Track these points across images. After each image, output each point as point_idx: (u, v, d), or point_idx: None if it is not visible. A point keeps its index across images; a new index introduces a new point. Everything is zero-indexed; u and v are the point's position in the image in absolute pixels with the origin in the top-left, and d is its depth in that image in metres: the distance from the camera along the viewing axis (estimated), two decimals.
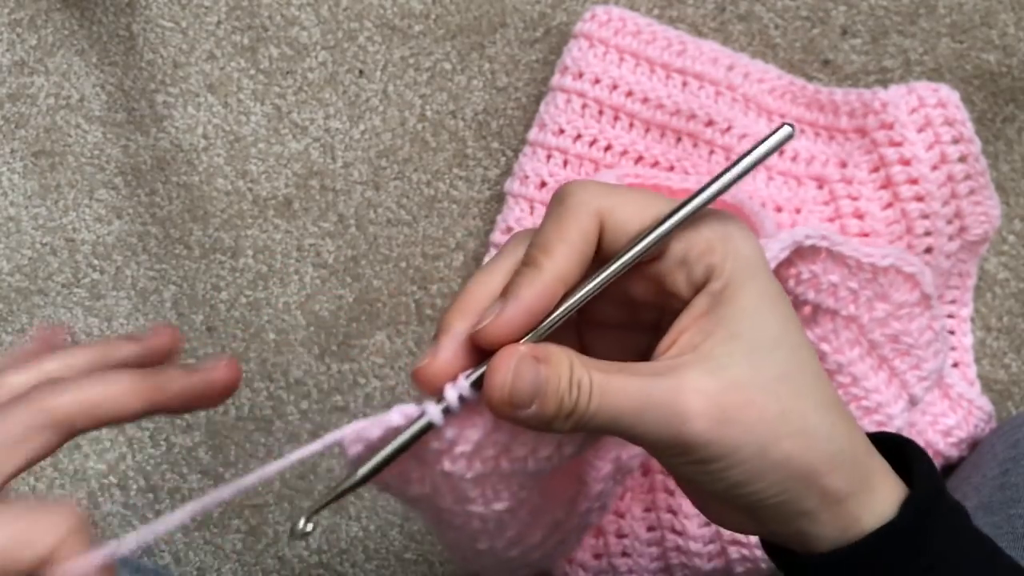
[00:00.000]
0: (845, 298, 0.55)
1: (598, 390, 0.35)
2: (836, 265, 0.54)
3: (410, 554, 0.69)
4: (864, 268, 0.54)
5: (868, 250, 0.54)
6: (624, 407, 0.35)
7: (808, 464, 0.36)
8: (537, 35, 0.67)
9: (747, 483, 0.36)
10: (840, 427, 0.37)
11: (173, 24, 0.68)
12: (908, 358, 0.58)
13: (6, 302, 0.70)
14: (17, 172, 0.70)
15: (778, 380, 0.36)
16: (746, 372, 0.36)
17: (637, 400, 0.35)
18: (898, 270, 0.55)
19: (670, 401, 0.35)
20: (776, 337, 0.36)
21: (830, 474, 0.36)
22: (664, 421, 0.35)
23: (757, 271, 0.37)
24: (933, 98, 0.61)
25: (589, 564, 0.61)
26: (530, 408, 0.35)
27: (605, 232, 0.37)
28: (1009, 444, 0.60)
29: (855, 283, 0.54)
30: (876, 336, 0.56)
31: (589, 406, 0.35)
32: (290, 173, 0.68)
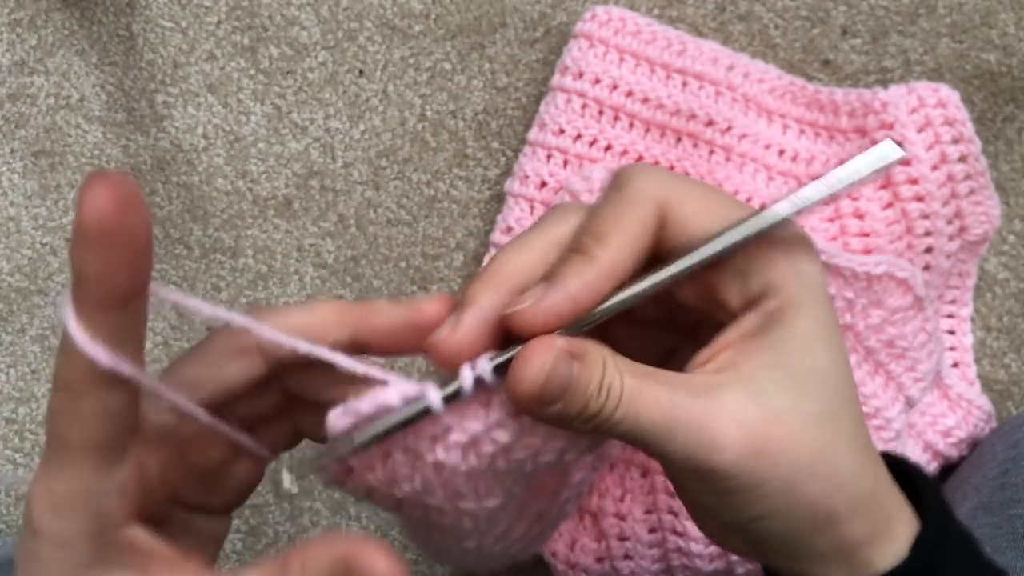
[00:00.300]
0: (841, 308, 0.55)
1: (628, 397, 0.32)
2: (831, 277, 0.54)
3: (410, 554, 0.69)
4: (859, 277, 0.54)
5: (862, 259, 0.54)
6: (652, 421, 0.32)
7: (832, 509, 0.34)
8: (537, 35, 0.67)
9: (765, 518, 0.34)
10: (868, 469, 0.35)
11: (173, 24, 0.68)
12: (903, 361, 0.58)
13: (6, 302, 0.70)
14: (17, 172, 0.69)
15: (819, 416, 0.34)
16: (788, 403, 0.33)
17: (668, 416, 0.32)
18: (891, 276, 0.55)
19: (704, 425, 0.32)
20: (825, 371, 0.34)
21: (851, 521, 0.34)
22: (693, 445, 0.32)
23: (817, 297, 0.34)
24: (933, 98, 0.61)
25: (592, 568, 0.61)
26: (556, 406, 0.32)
27: (665, 226, 0.34)
28: (1009, 444, 0.60)
29: (851, 292, 0.55)
30: (871, 342, 0.56)
31: (615, 413, 0.32)
32: (290, 173, 0.68)
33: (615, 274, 0.33)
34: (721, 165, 0.63)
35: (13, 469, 0.71)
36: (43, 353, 0.70)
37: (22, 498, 0.71)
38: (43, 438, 0.71)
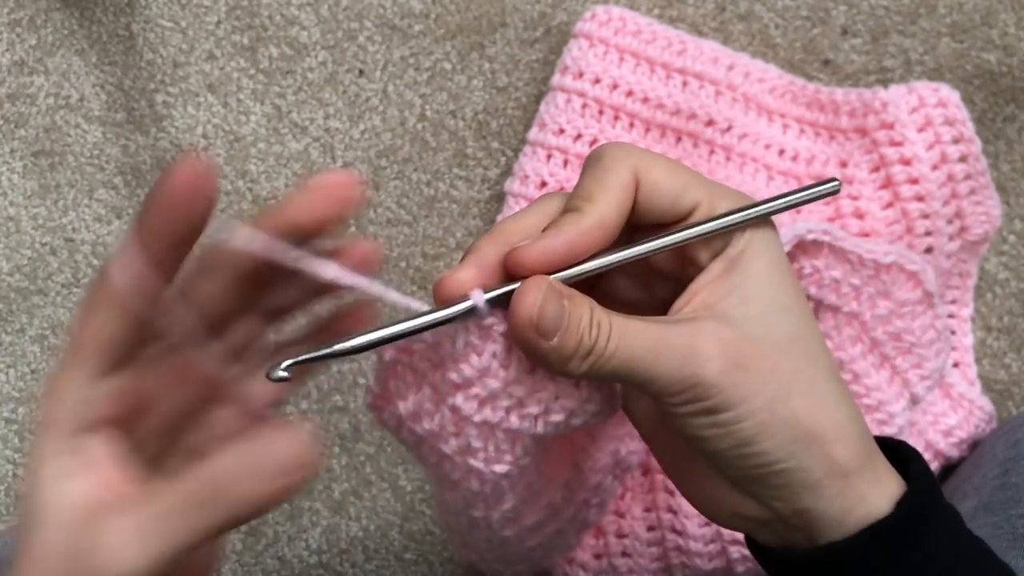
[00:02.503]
0: (847, 295, 0.55)
1: (617, 331, 0.36)
2: (838, 261, 0.54)
3: (410, 554, 0.69)
4: (866, 264, 0.54)
5: (870, 246, 0.54)
6: (641, 348, 0.36)
7: (816, 425, 0.37)
8: (537, 35, 0.67)
9: (755, 440, 0.36)
10: (847, 399, 0.38)
11: (173, 24, 0.68)
12: (910, 356, 0.58)
13: (6, 302, 0.70)
14: (17, 172, 0.69)
15: (790, 341, 0.37)
16: (760, 330, 0.37)
17: (654, 342, 0.36)
18: (900, 268, 0.55)
19: (687, 343, 0.36)
20: (787, 304, 0.38)
21: (837, 442, 0.37)
22: (680, 362, 0.36)
23: (771, 244, 0.38)
24: (933, 98, 0.61)
25: (589, 564, 0.61)
26: (552, 340, 0.35)
27: (639, 189, 0.38)
28: (1009, 444, 0.60)
29: (857, 279, 0.54)
30: (878, 334, 0.56)
31: (608, 345, 0.36)
32: (290, 173, 0.68)
33: (604, 224, 0.37)
34: (721, 165, 0.63)
35: (13, 469, 0.71)
36: (43, 353, 0.70)
37: (22, 498, 0.71)
38: None
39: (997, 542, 0.54)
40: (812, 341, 0.38)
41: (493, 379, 0.37)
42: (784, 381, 0.37)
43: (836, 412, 0.37)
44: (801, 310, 0.38)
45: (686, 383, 0.36)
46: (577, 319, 0.36)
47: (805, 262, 0.53)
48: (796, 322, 0.38)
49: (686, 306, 0.37)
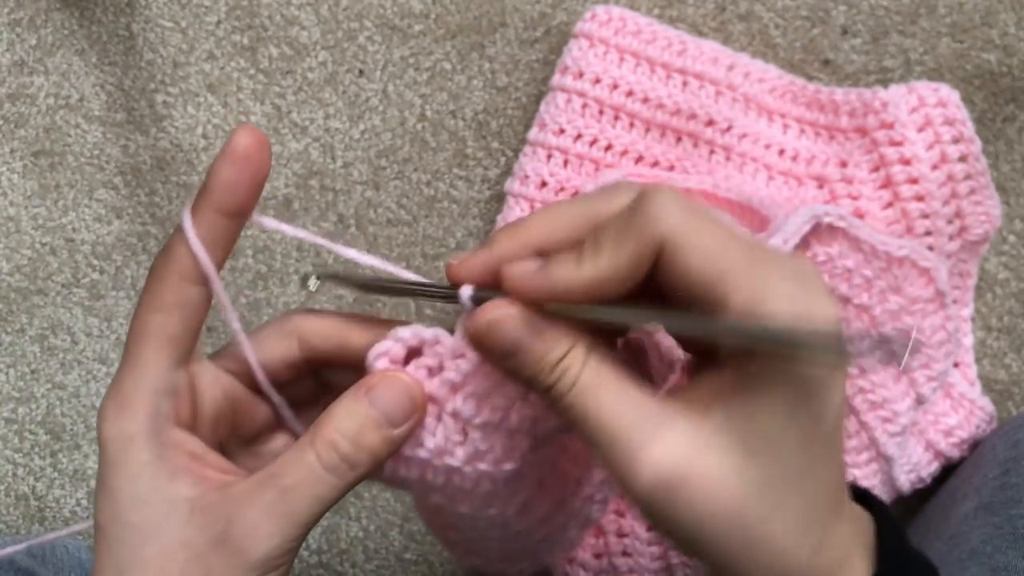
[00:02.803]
0: (859, 286, 0.54)
1: (580, 389, 0.35)
2: (852, 250, 0.53)
3: (410, 554, 0.69)
4: (879, 256, 0.54)
5: (884, 238, 0.54)
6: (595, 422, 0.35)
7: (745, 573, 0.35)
8: (537, 35, 0.67)
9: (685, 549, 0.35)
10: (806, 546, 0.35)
11: (173, 24, 0.68)
12: (918, 356, 0.58)
13: (6, 302, 0.70)
14: (17, 172, 0.69)
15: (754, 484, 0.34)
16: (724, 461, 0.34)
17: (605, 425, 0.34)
18: (913, 263, 0.55)
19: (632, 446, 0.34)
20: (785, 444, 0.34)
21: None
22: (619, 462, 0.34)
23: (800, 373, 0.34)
24: (933, 98, 0.61)
25: (590, 564, 0.61)
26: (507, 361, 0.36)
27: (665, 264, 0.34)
28: (1010, 444, 0.60)
29: (869, 271, 0.54)
30: (887, 330, 0.56)
31: (564, 398, 0.35)
32: (290, 173, 0.68)
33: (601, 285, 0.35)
34: (721, 165, 0.63)
35: (13, 469, 0.71)
36: (42, 353, 0.70)
37: (22, 498, 0.71)
38: (43, 438, 0.71)
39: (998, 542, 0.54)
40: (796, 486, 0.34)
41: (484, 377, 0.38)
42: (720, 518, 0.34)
43: (780, 565, 0.34)
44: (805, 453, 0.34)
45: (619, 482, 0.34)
46: (538, 355, 0.35)
47: (819, 248, 0.53)
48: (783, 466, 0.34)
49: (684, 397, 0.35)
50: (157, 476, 0.37)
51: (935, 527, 0.61)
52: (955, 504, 0.60)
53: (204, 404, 0.40)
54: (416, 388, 0.38)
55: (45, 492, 0.71)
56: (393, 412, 0.37)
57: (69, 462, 0.71)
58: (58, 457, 0.71)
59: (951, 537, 0.57)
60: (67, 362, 0.70)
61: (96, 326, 0.70)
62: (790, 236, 0.50)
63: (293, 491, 0.36)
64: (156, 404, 0.37)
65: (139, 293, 0.69)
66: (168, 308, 0.37)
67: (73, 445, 0.71)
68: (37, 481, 0.71)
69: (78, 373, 0.70)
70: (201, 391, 0.40)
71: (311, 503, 0.36)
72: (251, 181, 0.37)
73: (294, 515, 0.36)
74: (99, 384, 0.70)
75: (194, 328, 0.38)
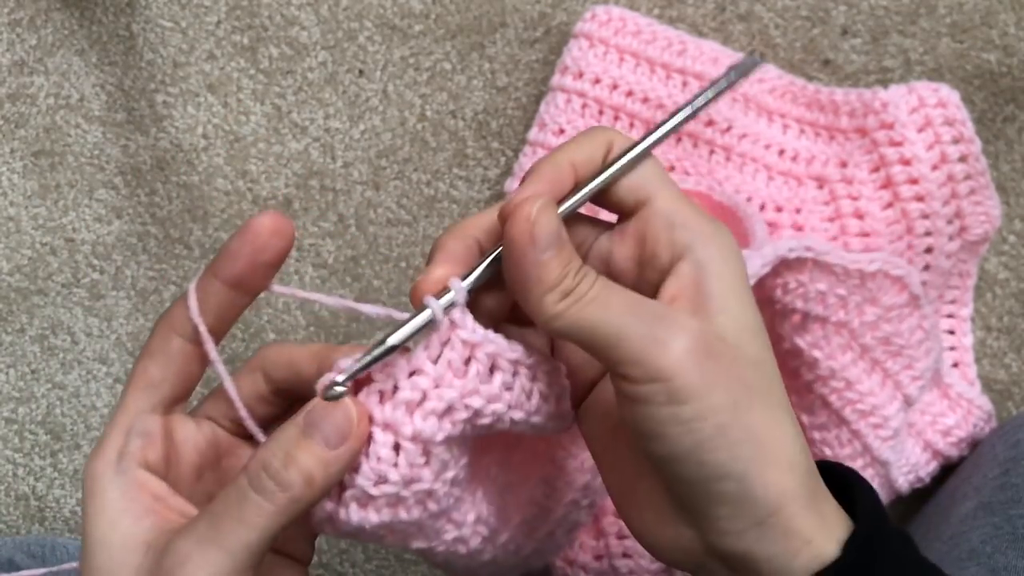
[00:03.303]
0: (834, 304, 0.55)
1: (601, 283, 0.36)
2: (823, 273, 0.54)
3: (410, 554, 0.69)
4: (852, 274, 0.54)
5: (855, 257, 0.54)
6: (619, 305, 0.36)
7: (773, 445, 0.36)
8: (537, 35, 0.67)
9: (711, 444, 0.35)
10: (800, 432, 0.37)
11: (173, 24, 0.68)
12: (900, 359, 0.58)
13: (6, 302, 0.70)
14: (17, 172, 0.69)
15: (760, 361, 0.37)
16: (734, 341, 0.36)
17: (633, 303, 0.36)
18: (886, 274, 0.55)
19: (664, 314, 0.36)
20: (758, 325, 0.37)
21: (789, 470, 0.36)
22: (652, 329, 0.35)
23: (736, 257, 0.38)
24: (933, 98, 0.61)
25: (590, 566, 0.61)
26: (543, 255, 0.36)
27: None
28: (1009, 444, 0.60)
29: (843, 290, 0.54)
30: (867, 340, 0.56)
31: (589, 292, 0.36)
32: (290, 173, 0.68)
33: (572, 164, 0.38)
34: (721, 165, 0.63)
35: (13, 469, 0.71)
36: (42, 353, 0.70)
37: (22, 498, 0.71)
38: (42, 438, 0.71)
39: (997, 542, 0.54)
40: (775, 370, 0.38)
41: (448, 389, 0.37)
42: (749, 392, 0.36)
43: (792, 441, 0.36)
44: (766, 335, 0.38)
45: (653, 355, 0.35)
46: (568, 254, 0.36)
47: (790, 277, 0.53)
48: (764, 345, 0.37)
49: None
50: (122, 515, 0.37)
51: (935, 527, 0.61)
52: (955, 504, 0.60)
53: (184, 452, 0.40)
54: (354, 409, 0.36)
55: (45, 492, 0.71)
56: (328, 433, 0.36)
57: (69, 462, 0.71)
58: (58, 457, 0.71)
59: (951, 537, 0.57)
60: (67, 362, 0.70)
61: (96, 326, 0.70)
62: (753, 274, 0.52)
63: (221, 517, 0.36)
64: (124, 444, 0.38)
65: (139, 293, 0.69)
66: (151, 355, 0.39)
67: (73, 445, 0.71)
68: (37, 481, 0.71)
69: (78, 373, 0.70)
70: (181, 439, 0.40)
71: (238, 528, 0.35)
72: (258, 260, 0.38)
73: (224, 542, 0.35)
74: (99, 384, 0.70)
75: (177, 377, 0.39)
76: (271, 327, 0.69)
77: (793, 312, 0.55)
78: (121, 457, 0.38)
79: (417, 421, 0.36)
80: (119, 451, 0.38)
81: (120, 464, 0.38)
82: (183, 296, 0.39)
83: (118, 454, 0.38)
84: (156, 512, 0.38)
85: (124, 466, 0.38)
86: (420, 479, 0.37)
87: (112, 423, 0.39)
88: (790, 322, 0.55)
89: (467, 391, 0.37)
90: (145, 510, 0.38)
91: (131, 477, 0.38)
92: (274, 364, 0.41)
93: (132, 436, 0.39)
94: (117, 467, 0.38)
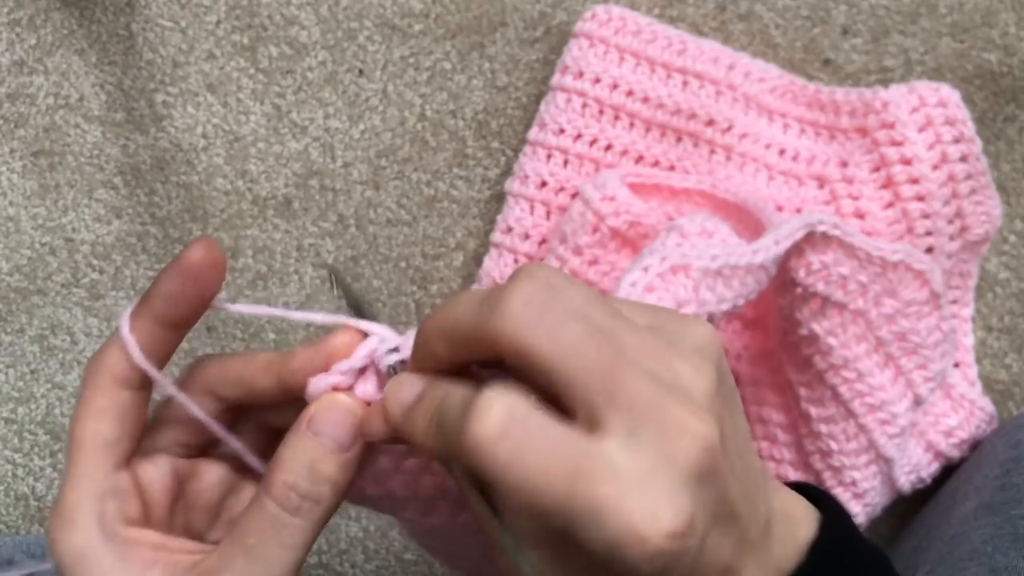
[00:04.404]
0: (854, 292, 0.54)
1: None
2: (847, 256, 0.53)
3: (410, 554, 0.69)
4: (874, 261, 0.54)
5: (878, 244, 0.54)
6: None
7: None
8: (537, 35, 0.67)
9: None
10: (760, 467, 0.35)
11: (173, 24, 0.68)
12: (915, 357, 0.58)
13: (5, 302, 0.70)
14: (16, 172, 0.69)
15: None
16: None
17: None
18: (908, 267, 0.55)
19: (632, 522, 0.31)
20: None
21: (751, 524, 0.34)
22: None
23: None
24: (934, 97, 0.61)
25: None
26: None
27: None
28: (1010, 444, 0.60)
29: (864, 277, 0.54)
30: (883, 333, 0.56)
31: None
32: (290, 173, 0.68)
33: None
34: (721, 165, 0.63)
35: (13, 469, 0.71)
36: (42, 353, 0.70)
37: (22, 498, 0.71)
38: (42, 438, 0.71)
39: (998, 542, 0.54)
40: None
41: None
42: None
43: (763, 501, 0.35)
44: None
45: None
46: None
47: (814, 257, 0.53)
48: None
49: None
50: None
51: (935, 527, 0.61)
52: (955, 504, 0.60)
53: (155, 495, 0.39)
54: (356, 406, 0.36)
55: (45, 492, 0.71)
56: (340, 436, 0.36)
57: None
58: (58, 457, 0.71)
59: (951, 537, 0.57)
60: (67, 362, 0.70)
61: (96, 326, 0.70)
62: (782, 238, 0.50)
63: (260, 548, 0.35)
64: (102, 511, 0.37)
65: (139, 293, 0.69)
66: (101, 414, 0.37)
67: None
68: (37, 481, 0.71)
69: (78, 373, 0.70)
70: (147, 483, 0.39)
71: (283, 553, 0.35)
72: (195, 297, 0.37)
73: (271, 570, 0.35)
74: None
75: (132, 429, 0.38)
76: (271, 327, 0.69)
77: (814, 296, 0.54)
78: (103, 524, 0.36)
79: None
80: (98, 519, 0.36)
81: (105, 531, 0.36)
82: (111, 343, 0.37)
83: (98, 522, 0.36)
84: (161, 561, 0.37)
85: (110, 531, 0.36)
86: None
87: (71, 491, 0.37)
88: (809, 306, 0.55)
89: None
90: (146, 565, 0.36)
91: (122, 540, 0.37)
92: (221, 382, 0.39)
93: (106, 499, 0.37)
94: (103, 535, 0.36)
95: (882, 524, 0.66)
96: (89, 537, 0.36)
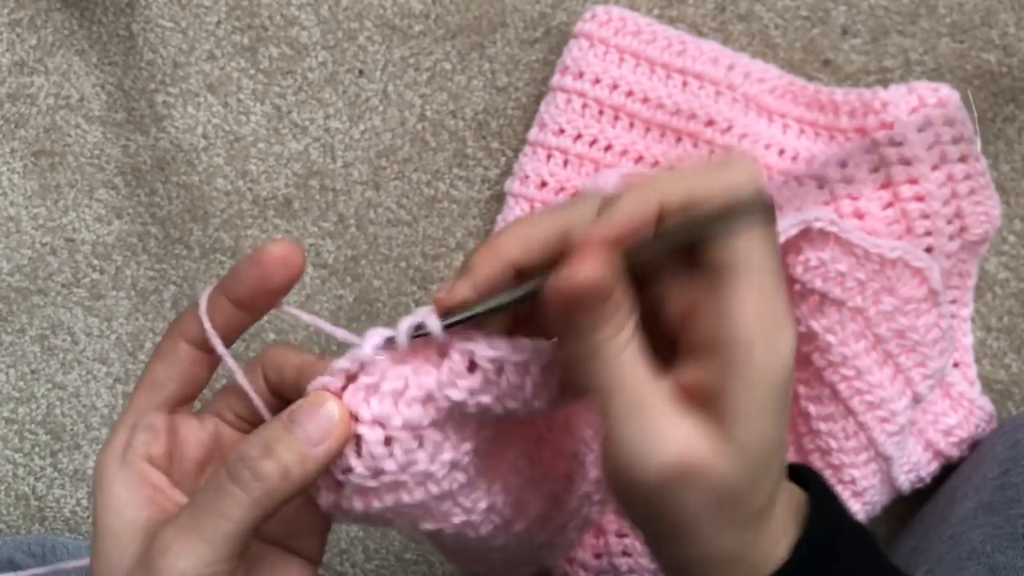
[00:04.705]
0: (852, 288, 0.55)
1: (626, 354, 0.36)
2: (844, 254, 0.53)
3: (410, 554, 0.69)
4: (872, 259, 0.54)
5: (876, 241, 0.54)
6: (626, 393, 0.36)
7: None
8: (537, 35, 0.67)
9: None
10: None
11: (173, 24, 0.68)
12: (914, 355, 0.58)
13: (6, 302, 0.70)
14: (17, 172, 0.69)
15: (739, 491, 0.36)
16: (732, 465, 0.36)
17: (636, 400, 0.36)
18: (906, 264, 0.55)
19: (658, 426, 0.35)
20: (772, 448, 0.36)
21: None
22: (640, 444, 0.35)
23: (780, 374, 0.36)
24: (933, 98, 0.61)
25: (590, 564, 0.61)
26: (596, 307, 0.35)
27: None
28: (1009, 444, 0.60)
29: (863, 274, 0.54)
30: (882, 330, 0.56)
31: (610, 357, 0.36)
32: (290, 173, 0.68)
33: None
34: None
35: (13, 469, 0.71)
36: (43, 353, 0.70)
37: (22, 498, 0.71)
38: (43, 438, 0.71)
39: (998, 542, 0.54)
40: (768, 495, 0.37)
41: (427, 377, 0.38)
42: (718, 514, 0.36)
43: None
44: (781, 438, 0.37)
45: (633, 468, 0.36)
46: (625, 313, 0.36)
47: (811, 254, 0.53)
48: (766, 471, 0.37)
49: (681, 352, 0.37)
50: (125, 505, 0.39)
51: (935, 527, 0.61)
52: (955, 504, 0.60)
53: (187, 448, 0.42)
54: (337, 408, 0.38)
55: (45, 492, 0.71)
56: (310, 429, 0.37)
57: (69, 462, 0.71)
58: (58, 457, 0.71)
59: (951, 537, 0.57)
60: (67, 362, 0.70)
61: (96, 326, 0.70)
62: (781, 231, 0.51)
63: (199, 509, 0.37)
64: (128, 439, 0.40)
65: (139, 293, 0.69)
66: (159, 357, 0.41)
67: (73, 445, 0.71)
68: (37, 481, 0.71)
69: (78, 373, 0.70)
70: (184, 436, 0.42)
71: (216, 520, 0.36)
72: (265, 287, 0.40)
73: (204, 532, 0.36)
74: (99, 384, 0.70)
75: (181, 377, 0.41)
76: (271, 327, 0.69)
77: (811, 293, 0.54)
78: (126, 451, 0.40)
79: (403, 410, 0.38)
80: (124, 445, 0.40)
81: (125, 457, 0.40)
82: (193, 304, 0.41)
83: (123, 448, 0.40)
84: (155, 503, 0.39)
85: (129, 459, 0.40)
86: (416, 462, 0.39)
87: (120, 420, 0.41)
88: (807, 303, 0.55)
89: (444, 383, 0.38)
90: (146, 501, 0.39)
91: (135, 470, 0.40)
92: (269, 364, 0.42)
93: (137, 431, 0.40)
94: (122, 460, 0.40)
95: (881, 524, 0.66)
96: (112, 459, 0.40)
